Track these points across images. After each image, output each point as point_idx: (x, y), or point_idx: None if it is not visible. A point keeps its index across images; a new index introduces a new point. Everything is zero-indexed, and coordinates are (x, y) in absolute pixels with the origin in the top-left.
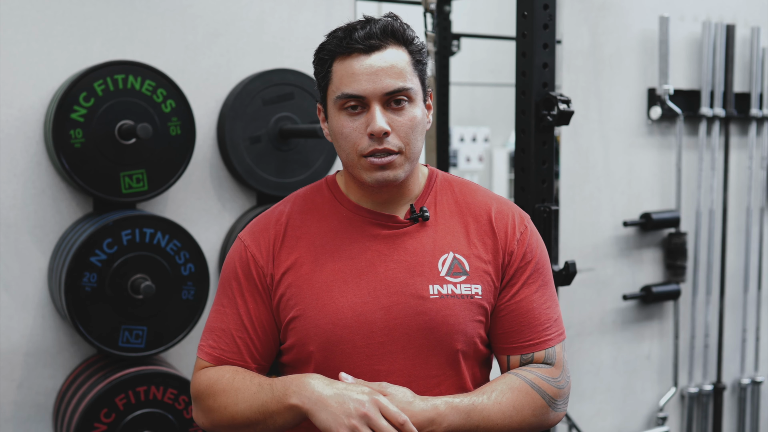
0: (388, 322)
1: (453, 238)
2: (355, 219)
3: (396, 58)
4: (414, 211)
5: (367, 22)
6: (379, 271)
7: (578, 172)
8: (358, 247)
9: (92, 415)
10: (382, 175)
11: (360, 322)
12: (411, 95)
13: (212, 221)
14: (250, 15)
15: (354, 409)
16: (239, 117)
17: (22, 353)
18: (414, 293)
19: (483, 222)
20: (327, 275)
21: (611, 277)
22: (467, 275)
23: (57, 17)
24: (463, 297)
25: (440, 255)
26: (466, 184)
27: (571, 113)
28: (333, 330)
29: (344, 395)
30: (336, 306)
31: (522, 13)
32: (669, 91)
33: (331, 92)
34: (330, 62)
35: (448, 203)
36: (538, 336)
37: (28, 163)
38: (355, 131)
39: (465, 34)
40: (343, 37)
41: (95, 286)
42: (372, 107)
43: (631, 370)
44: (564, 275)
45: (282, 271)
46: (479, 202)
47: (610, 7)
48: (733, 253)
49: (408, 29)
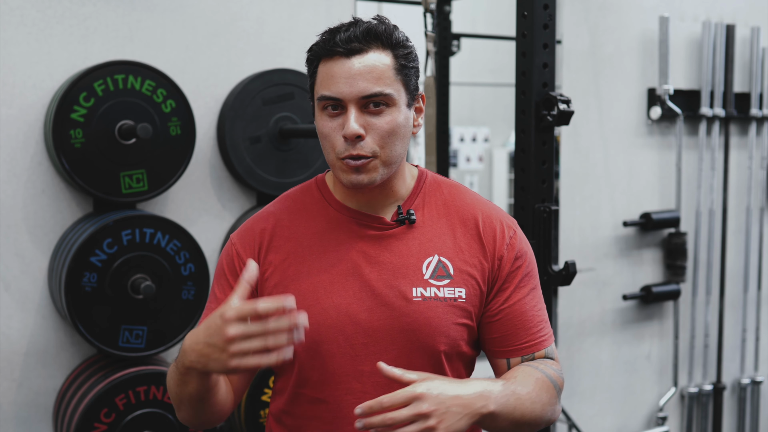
0: (371, 323)
1: (439, 240)
2: (342, 219)
3: (376, 63)
4: (401, 213)
5: (352, 24)
6: (364, 272)
7: (578, 172)
8: (344, 248)
9: (92, 415)
10: (357, 178)
11: (344, 323)
12: (389, 100)
13: (212, 221)
14: (250, 15)
15: (221, 341)
16: (239, 117)
17: (22, 353)
18: (398, 295)
19: (470, 226)
20: (313, 276)
21: (611, 277)
22: (451, 278)
23: (57, 17)
24: (445, 300)
25: (425, 258)
26: (455, 187)
27: (571, 113)
28: (318, 330)
29: (207, 334)
30: (321, 306)
31: (522, 13)
32: (669, 91)
33: (315, 93)
34: (316, 63)
35: (437, 205)
36: (533, 337)
37: (28, 163)
38: (334, 131)
39: (465, 34)
40: (327, 39)
41: (95, 286)
42: (348, 110)
43: (631, 370)
44: (564, 275)
45: (269, 271)
46: (467, 206)
47: (610, 7)
48: (733, 253)
49: (395, 32)
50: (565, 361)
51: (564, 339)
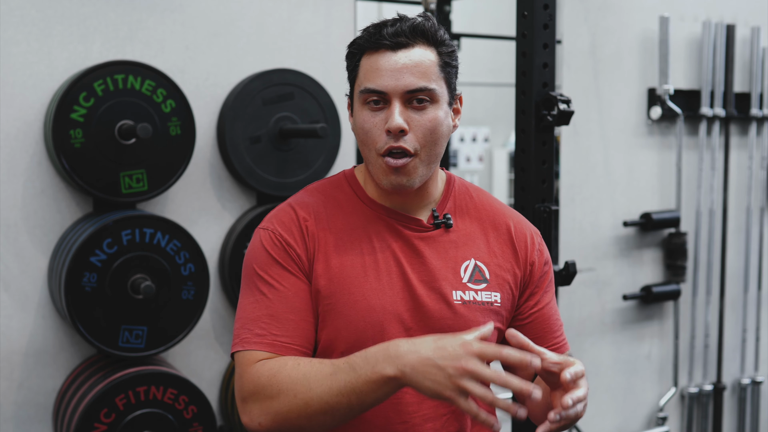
0: (415, 323)
1: (474, 245)
2: (379, 217)
3: (422, 58)
4: (437, 217)
5: (399, 19)
6: (406, 271)
7: (578, 172)
8: (384, 247)
9: (92, 415)
10: (397, 179)
11: (389, 321)
12: (433, 96)
13: (212, 221)
14: (250, 15)
15: (453, 368)
16: (239, 117)
17: (22, 353)
18: (438, 298)
19: (502, 231)
20: (358, 272)
21: (611, 277)
22: (488, 282)
23: (57, 17)
24: (483, 304)
25: (462, 261)
26: (482, 192)
27: (571, 113)
28: (365, 328)
29: (438, 355)
30: (369, 304)
31: (522, 13)
32: (669, 91)
33: (357, 86)
34: (359, 56)
35: (468, 210)
36: (558, 339)
37: (28, 163)
38: (375, 127)
39: (465, 34)
40: (373, 32)
41: (95, 286)
42: (392, 104)
43: (631, 370)
44: (564, 275)
45: (313, 260)
46: (498, 212)
47: (610, 7)
48: (733, 253)
49: (440, 30)
50: None
51: None
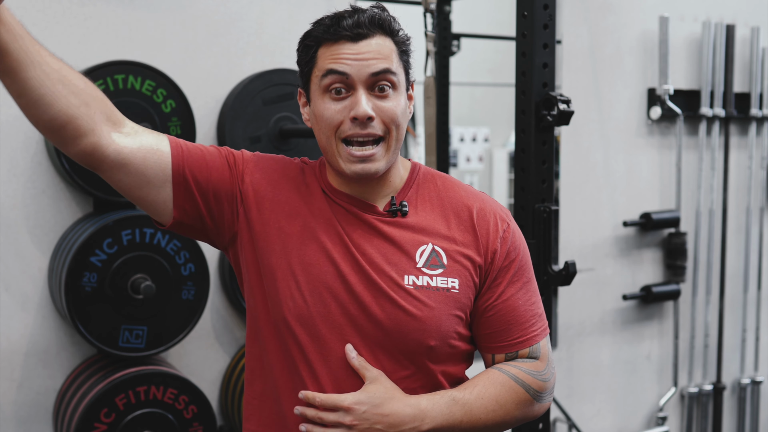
0: (365, 297)
1: (433, 230)
2: (337, 203)
3: (382, 46)
4: (394, 204)
5: (355, 11)
6: (356, 256)
7: (578, 172)
8: (338, 230)
9: (92, 415)
10: (363, 167)
11: (341, 290)
12: (395, 82)
13: None
14: (250, 15)
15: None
16: (239, 117)
17: (22, 353)
18: (388, 281)
19: (464, 218)
20: (317, 243)
21: (611, 277)
22: (444, 268)
23: (57, 17)
24: (439, 290)
25: (419, 246)
26: (448, 179)
27: (571, 113)
28: (319, 290)
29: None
30: (323, 269)
31: (522, 13)
32: (669, 91)
33: (315, 75)
34: (315, 48)
35: (430, 197)
36: (523, 334)
37: (28, 163)
38: (338, 113)
39: (465, 34)
40: (330, 24)
41: (95, 286)
42: (357, 91)
43: (631, 370)
44: (564, 275)
45: (266, 202)
46: (461, 197)
47: (610, 7)
48: (733, 253)
49: (394, 21)
50: (565, 361)
51: (564, 339)
